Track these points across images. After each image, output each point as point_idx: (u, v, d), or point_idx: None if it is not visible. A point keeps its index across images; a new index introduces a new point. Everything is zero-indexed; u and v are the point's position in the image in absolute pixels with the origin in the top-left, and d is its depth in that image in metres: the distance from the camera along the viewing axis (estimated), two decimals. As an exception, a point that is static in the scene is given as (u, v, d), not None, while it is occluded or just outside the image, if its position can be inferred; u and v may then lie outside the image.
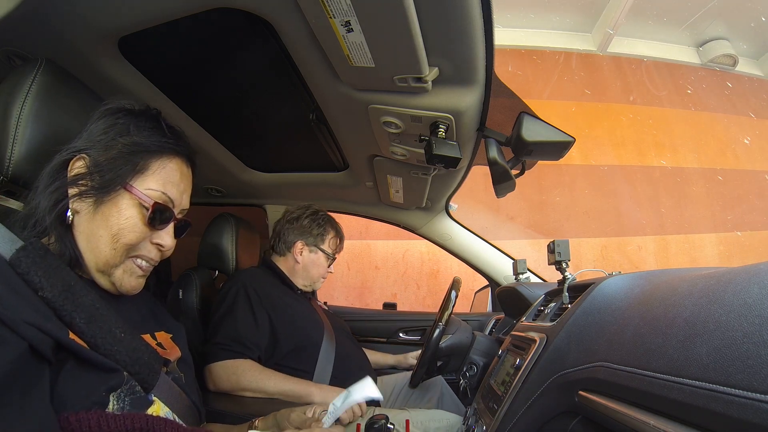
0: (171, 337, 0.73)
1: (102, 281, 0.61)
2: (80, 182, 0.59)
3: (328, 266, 1.41)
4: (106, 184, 0.59)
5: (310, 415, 0.76)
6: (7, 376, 0.40)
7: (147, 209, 0.61)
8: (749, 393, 0.30)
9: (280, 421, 0.78)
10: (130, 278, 0.63)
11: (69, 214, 0.58)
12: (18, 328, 0.42)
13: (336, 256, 1.43)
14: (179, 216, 0.68)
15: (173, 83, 1.02)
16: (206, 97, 1.12)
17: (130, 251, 0.61)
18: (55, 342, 0.47)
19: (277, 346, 1.17)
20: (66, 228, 0.59)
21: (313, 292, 1.48)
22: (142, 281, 0.65)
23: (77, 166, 0.60)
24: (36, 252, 0.51)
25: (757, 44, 3.65)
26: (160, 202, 0.63)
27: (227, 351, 1.09)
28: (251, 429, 0.75)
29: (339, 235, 1.43)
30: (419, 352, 1.35)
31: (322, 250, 1.38)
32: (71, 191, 0.59)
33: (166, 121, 0.68)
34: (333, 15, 0.66)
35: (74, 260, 0.58)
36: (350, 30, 0.69)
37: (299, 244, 1.36)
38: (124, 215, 0.60)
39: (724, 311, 0.36)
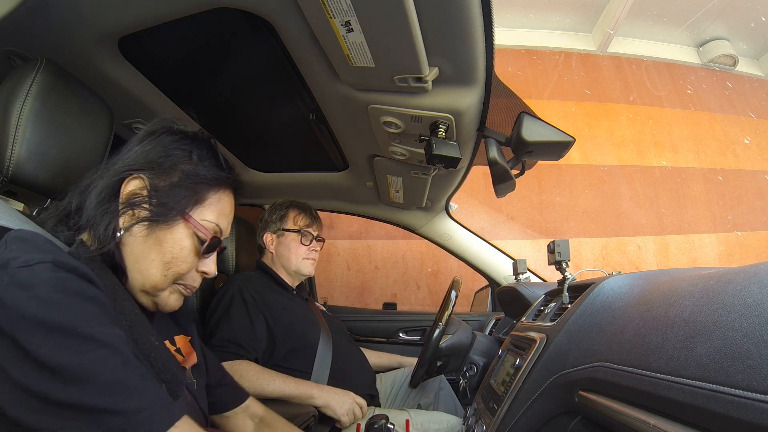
0: (189, 340, 0.73)
1: (143, 299, 0.61)
2: (139, 204, 0.58)
3: (303, 242, 1.36)
4: (166, 211, 0.59)
5: None
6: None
7: (201, 240, 0.61)
8: (749, 393, 0.30)
9: None
10: (173, 297, 0.63)
11: (121, 232, 0.58)
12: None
13: (309, 231, 1.38)
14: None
15: (173, 83, 1.02)
16: (206, 97, 1.12)
17: (178, 279, 0.62)
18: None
19: (275, 348, 1.17)
20: (115, 244, 0.58)
21: (310, 293, 1.47)
22: (183, 300, 0.65)
23: (133, 186, 0.59)
24: (88, 251, 0.51)
25: (757, 44, 3.64)
26: (215, 234, 0.63)
27: (225, 353, 1.08)
28: None
29: (304, 211, 1.41)
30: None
31: (287, 230, 1.37)
32: (127, 211, 0.58)
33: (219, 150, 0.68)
34: (333, 15, 0.66)
35: (118, 272, 0.58)
36: (350, 30, 0.69)
37: (268, 237, 1.38)
38: (179, 244, 0.59)
39: (724, 311, 0.36)
